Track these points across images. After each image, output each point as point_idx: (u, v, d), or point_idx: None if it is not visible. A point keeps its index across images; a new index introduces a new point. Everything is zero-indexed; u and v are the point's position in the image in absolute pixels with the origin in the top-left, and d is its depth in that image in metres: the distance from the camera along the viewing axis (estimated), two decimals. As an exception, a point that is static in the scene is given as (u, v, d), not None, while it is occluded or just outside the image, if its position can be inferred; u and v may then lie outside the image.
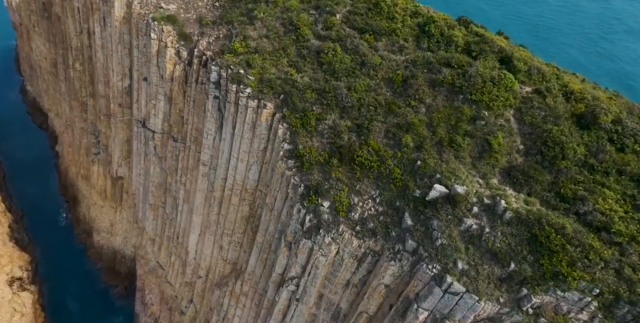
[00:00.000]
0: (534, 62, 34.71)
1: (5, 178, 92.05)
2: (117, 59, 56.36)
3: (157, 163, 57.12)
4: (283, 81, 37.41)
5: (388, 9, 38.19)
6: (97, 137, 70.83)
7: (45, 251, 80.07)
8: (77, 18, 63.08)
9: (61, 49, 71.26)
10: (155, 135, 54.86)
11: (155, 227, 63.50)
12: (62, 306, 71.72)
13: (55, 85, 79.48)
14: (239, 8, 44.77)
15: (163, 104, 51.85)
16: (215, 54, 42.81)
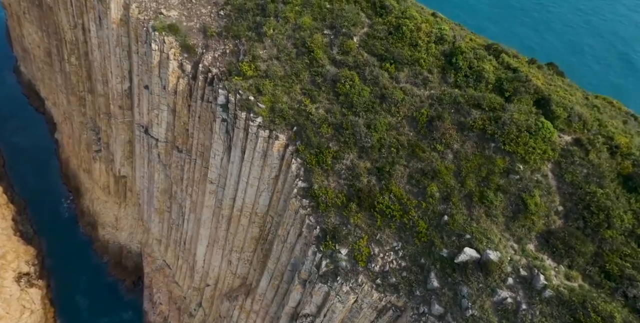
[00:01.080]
0: (574, 104, 31.71)
1: (5, 166, 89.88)
2: (116, 62, 53.06)
3: (162, 170, 55.09)
4: (296, 112, 34.88)
5: (410, 34, 34.84)
6: (97, 134, 68.26)
7: (51, 244, 79.31)
8: (70, 11, 59.08)
9: (55, 40, 67.37)
10: (158, 143, 52.54)
11: (161, 229, 62.28)
12: (70, 300, 71.75)
13: (51, 75, 75.92)
14: (246, 20, 41.30)
15: (166, 114, 49.25)
16: (222, 73, 39.85)
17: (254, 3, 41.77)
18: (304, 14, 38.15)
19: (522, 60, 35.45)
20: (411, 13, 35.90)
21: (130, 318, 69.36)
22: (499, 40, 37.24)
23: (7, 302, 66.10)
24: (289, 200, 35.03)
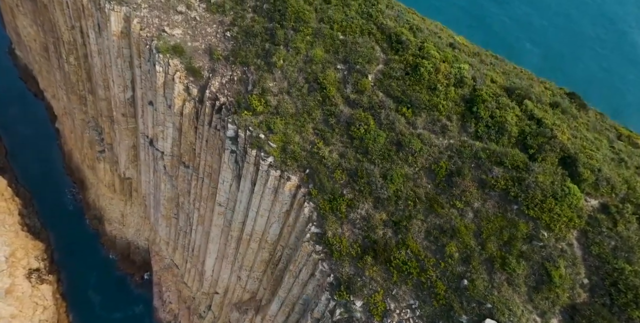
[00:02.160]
0: (601, 163, 30.34)
1: (8, 156, 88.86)
2: (117, 72, 51.13)
3: (168, 181, 54.32)
4: (309, 154, 33.83)
5: (429, 76, 33.07)
6: (100, 135, 66.92)
7: (59, 237, 79.75)
8: (66, 13, 56.24)
9: (51, 37, 64.67)
10: (164, 156, 51.47)
11: (168, 233, 62.27)
12: (81, 295, 72.88)
13: (49, 68, 73.51)
14: (254, 45, 39.28)
15: (172, 131, 47.97)
16: (231, 103, 38.31)
17: (262, 26, 39.62)
18: (315, 45, 36.17)
19: (545, 103, 33.68)
20: (429, 50, 33.96)
21: (141, 313, 70.72)
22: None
23: (19, 300, 67.08)
24: (301, 241, 34.61)
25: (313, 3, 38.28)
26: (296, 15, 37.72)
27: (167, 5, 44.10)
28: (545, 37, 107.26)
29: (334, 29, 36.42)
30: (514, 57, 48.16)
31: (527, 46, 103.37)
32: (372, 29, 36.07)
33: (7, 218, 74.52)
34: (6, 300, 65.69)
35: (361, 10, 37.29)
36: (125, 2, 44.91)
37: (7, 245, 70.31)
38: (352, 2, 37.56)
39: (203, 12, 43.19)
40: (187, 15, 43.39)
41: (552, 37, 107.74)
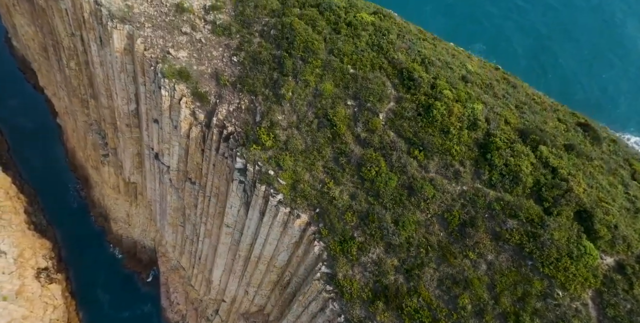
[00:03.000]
0: (618, 219, 30.08)
1: (10, 151, 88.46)
2: (121, 85, 50.29)
3: (174, 192, 54.28)
4: (319, 193, 33.74)
5: (442, 118, 32.44)
6: (103, 139, 66.34)
7: (65, 234, 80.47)
8: (65, 20, 54.68)
9: (50, 40, 63.08)
10: (170, 171, 51.22)
11: (174, 239, 62.76)
12: (90, 293, 74.08)
13: (49, 68, 72.09)
14: (261, 73, 38.41)
15: (177, 149, 47.60)
16: (239, 134, 37.78)
17: (269, 53, 38.62)
18: (325, 78, 35.36)
19: (559, 147, 33.07)
20: (441, 89, 33.20)
21: (149, 312, 72.13)
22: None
23: (30, 301, 68.25)
24: (311, 278, 35.00)
25: (322, 32, 37.20)
26: (305, 45, 36.72)
27: (171, 26, 42.87)
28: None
29: (344, 62, 35.52)
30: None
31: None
32: (383, 63, 35.17)
33: (14, 218, 74.85)
34: (17, 302, 66.83)
35: (372, 42, 36.25)
36: (128, 21, 43.69)
37: (15, 246, 70.91)
38: (362, 33, 36.47)
39: (208, 34, 42.02)
40: (192, 37, 42.25)
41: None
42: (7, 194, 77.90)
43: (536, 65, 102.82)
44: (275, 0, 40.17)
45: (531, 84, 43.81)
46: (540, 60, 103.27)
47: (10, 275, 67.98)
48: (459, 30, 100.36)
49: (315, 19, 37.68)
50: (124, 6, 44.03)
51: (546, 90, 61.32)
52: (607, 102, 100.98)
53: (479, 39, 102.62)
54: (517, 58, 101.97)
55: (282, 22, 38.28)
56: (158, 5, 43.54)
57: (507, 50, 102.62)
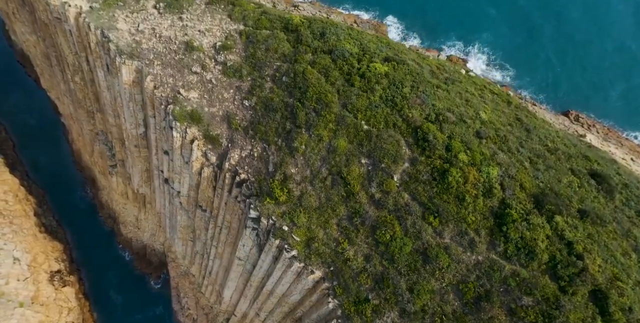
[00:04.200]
0: (633, 301, 30.65)
1: (16, 149, 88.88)
2: (129, 112, 50.34)
3: (184, 213, 55.24)
4: (333, 252, 34.61)
5: (457, 185, 32.75)
6: (111, 150, 66.56)
7: (75, 235, 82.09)
8: (70, 40, 53.82)
9: (53, 51, 62.18)
10: (180, 196, 51.95)
11: (184, 251, 64.30)
12: (103, 294, 76.44)
13: (52, 74, 71.29)
14: (274, 121, 38.50)
15: (188, 179, 48.10)
16: (252, 184, 38.27)
17: (281, 100, 38.52)
18: (338, 134, 35.47)
19: (574, 214, 33.45)
20: (456, 153, 33.39)
21: (161, 314, 74.63)
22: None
23: (45, 306, 70.74)
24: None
25: (335, 83, 36.97)
26: (318, 96, 36.62)
27: (181, 64, 42.44)
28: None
29: (358, 118, 35.54)
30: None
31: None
32: (397, 120, 35.19)
33: (24, 222, 76.31)
34: (33, 307, 69.25)
35: (385, 96, 36.08)
36: (137, 56, 43.23)
37: (27, 251, 72.69)
38: (376, 87, 36.23)
39: (219, 75, 41.68)
40: (203, 77, 41.94)
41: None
42: (17, 197, 79.01)
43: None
44: (286, 44, 39.64)
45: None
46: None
47: (25, 282, 70.10)
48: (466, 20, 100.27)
49: (328, 68, 37.36)
50: (132, 41, 43.44)
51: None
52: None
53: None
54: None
55: (295, 70, 37.96)
56: (167, 42, 42.93)
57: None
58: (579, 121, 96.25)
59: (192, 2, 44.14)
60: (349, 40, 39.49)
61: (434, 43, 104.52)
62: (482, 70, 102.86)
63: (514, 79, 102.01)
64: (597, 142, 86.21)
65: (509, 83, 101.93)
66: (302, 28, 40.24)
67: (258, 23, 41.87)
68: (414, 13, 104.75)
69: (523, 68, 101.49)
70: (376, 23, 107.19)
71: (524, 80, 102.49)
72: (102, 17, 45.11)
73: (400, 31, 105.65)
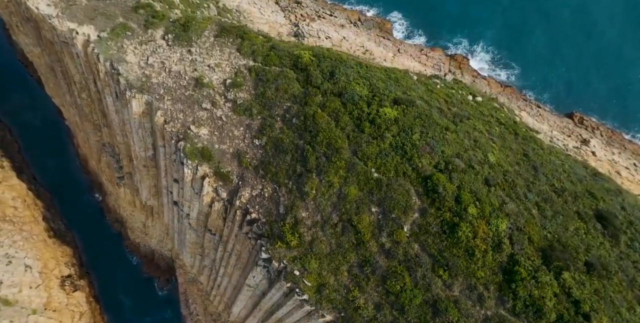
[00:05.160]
0: None
1: (22, 152, 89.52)
2: (138, 137, 50.93)
3: (193, 233, 56.43)
4: (344, 299, 35.79)
5: (467, 240, 33.72)
6: (118, 163, 67.23)
7: (84, 238, 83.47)
8: (77, 61, 53.85)
9: (59, 66, 62.11)
10: (190, 218, 53.00)
11: (193, 263, 65.75)
12: (113, 297, 78.50)
13: (56, 84, 71.25)
14: (284, 162, 39.20)
15: (198, 206, 48.98)
16: (263, 224, 39.21)
17: (291, 142, 39.11)
18: (349, 181, 36.23)
19: (581, 269, 34.47)
20: (466, 205, 34.24)
21: (170, 319, 76.86)
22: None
23: (58, 312, 72.87)
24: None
25: (345, 128, 37.48)
26: (328, 141, 37.21)
27: (191, 100, 42.78)
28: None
29: (368, 165, 36.20)
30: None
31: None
32: (407, 169, 35.90)
33: (34, 228, 77.73)
34: (46, 314, 71.39)
35: (395, 143, 36.65)
36: (147, 91, 43.54)
37: (38, 258, 74.35)
38: (386, 134, 36.74)
39: (229, 112, 42.09)
40: (213, 114, 42.36)
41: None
42: (25, 202, 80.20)
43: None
44: (296, 84, 39.93)
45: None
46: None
47: (38, 289, 71.99)
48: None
49: (338, 112, 37.80)
50: (142, 75, 43.66)
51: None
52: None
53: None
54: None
55: (305, 113, 38.40)
56: (177, 77, 43.13)
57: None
58: (583, 124, 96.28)
59: (200, 35, 44.10)
60: (358, 81, 39.75)
61: (440, 41, 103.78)
62: (486, 70, 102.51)
63: (519, 78, 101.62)
64: (601, 147, 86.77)
65: (513, 83, 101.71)
66: (312, 67, 40.43)
67: (267, 59, 42.00)
68: (418, 9, 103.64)
69: (528, 67, 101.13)
70: (380, 20, 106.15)
71: (529, 79, 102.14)
72: (111, 47, 45.13)
73: (405, 28, 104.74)
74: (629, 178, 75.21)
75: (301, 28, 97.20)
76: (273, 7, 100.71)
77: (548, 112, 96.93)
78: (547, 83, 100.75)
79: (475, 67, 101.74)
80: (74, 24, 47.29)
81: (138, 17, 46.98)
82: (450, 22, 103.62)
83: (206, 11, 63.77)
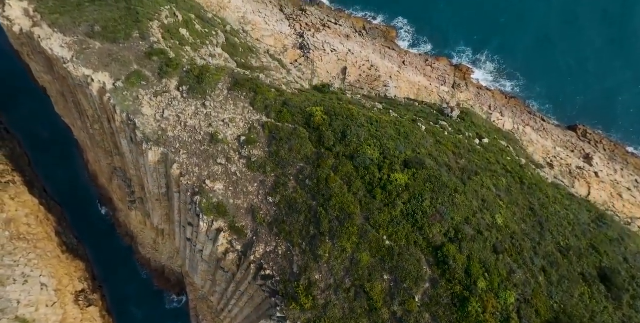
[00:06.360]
0: None
1: (31, 165, 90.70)
2: (152, 179, 52.03)
3: (205, 265, 58.13)
4: (358, 365, 37.57)
5: (476, 314, 35.31)
6: (130, 188, 68.52)
7: (95, 251, 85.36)
8: (90, 100, 54.60)
9: (71, 98, 62.76)
10: (202, 254, 54.62)
11: (204, 285, 67.66)
12: (125, 311, 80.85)
13: (67, 105, 71.85)
14: (297, 222, 40.65)
15: (212, 248, 50.50)
16: (277, 282, 40.80)
17: (305, 202, 40.45)
18: (361, 247, 37.66)
19: None
20: (476, 278, 35.82)
21: (181, 332, 79.42)
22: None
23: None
24: None
25: (357, 194, 38.71)
26: (341, 206, 38.47)
27: (206, 154, 43.86)
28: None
29: (380, 233, 37.55)
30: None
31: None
32: (418, 239, 37.28)
33: (48, 245, 79.65)
34: (62, 330, 73.81)
35: (406, 211, 37.93)
36: (163, 144, 44.53)
37: (53, 276, 76.48)
38: (397, 201, 37.96)
39: (243, 168, 43.22)
40: (228, 169, 43.49)
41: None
42: (37, 218, 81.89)
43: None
44: (309, 145, 40.95)
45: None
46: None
47: (54, 307, 74.37)
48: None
49: (350, 177, 38.98)
50: (158, 128, 44.62)
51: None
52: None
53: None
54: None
55: (318, 176, 39.57)
56: (192, 132, 44.09)
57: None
58: (586, 137, 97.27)
59: (214, 88, 44.84)
60: (370, 142, 40.76)
61: (444, 49, 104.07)
62: (491, 82, 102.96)
63: (524, 89, 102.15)
64: (604, 164, 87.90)
65: (518, 94, 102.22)
66: (324, 127, 41.38)
67: (280, 116, 42.88)
68: (423, 14, 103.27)
69: (533, 77, 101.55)
70: (385, 28, 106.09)
71: (534, 90, 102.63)
72: (127, 98, 45.95)
73: (411, 37, 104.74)
74: (630, 200, 76.62)
75: (306, 39, 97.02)
76: (278, 15, 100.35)
77: (552, 125, 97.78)
78: (552, 93, 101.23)
79: (479, 78, 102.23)
80: (89, 71, 47.97)
81: (152, 64, 47.60)
82: (455, 31, 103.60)
83: (215, 40, 64.09)
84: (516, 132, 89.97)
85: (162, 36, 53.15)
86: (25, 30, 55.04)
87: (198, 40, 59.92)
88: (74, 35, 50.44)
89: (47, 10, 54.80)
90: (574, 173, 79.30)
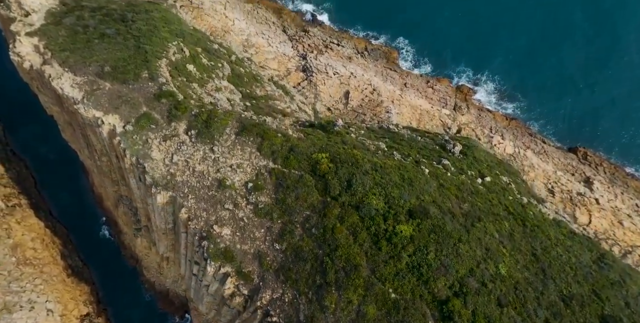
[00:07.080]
0: None
1: (37, 187, 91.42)
2: (160, 217, 52.57)
3: (210, 297, 58.72)
4: None
5: None
6: (136, 216, 69.18)
7: (99, 273, 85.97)
8: (99, 137, 55.22)
9: (80, 131, 63.39)
10: (209, 289, 55.20)
11: (209, 311, 68.27)
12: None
13: (74, 134, 72.56)
14: (304, 271, 41.33)
15: (217, 285, 51.10)
16: (283, 329, 41.47)
17: (311, 251, 41.25)
18: (367, 300, 38.29)
19: None
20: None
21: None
22: None
23: (79, 352, 75.88)
24: None
25: (363, 245, 39.36)
26: (347, 257, 39.10)
27: (214, 199, 44.52)
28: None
29: (386, 285, 38.20)
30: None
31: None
32: (423, 293, 37.93)
33: (53, 269, 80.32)
34: (67, 355, 74.44)
35: (412, 264, 38.63)
36: (172, 189, 45.18)
37: (58, 301, 77.18)
38: (402, 254, 38.62)
39: (250, 214, 43.87)
40: (235, 214, 44.13)
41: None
42: (43, 242, 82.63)
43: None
44: (315, 193, 41.62)
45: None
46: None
47: (59, 332, 74.93)
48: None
49: (356, 227, 39.66)
50: (167, 173, 45.29)
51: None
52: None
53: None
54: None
55: (324, 225, 40.24)
56: (200, 177, 44.76)
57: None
58: (586, 159, 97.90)
59: (222, 132, 45.51)
60: (374, 190, 41.47)
61: (445, 70, 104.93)
62: (492, 104, 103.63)
63: (525, 111, 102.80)
64: (604, 188, 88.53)
65: (519, 115, 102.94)
66: (330, 176, 42.08)
67: (287, 162, 43.57)
68: (423, 36, 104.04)
69: (534, 98, 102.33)
70: (387, 49, 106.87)
71: (535, 111, 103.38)
72: (137, 142, 46.62)
73: (412, 58, 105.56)
74: (630, 228, 77.32)
75: (309, 61, 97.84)
76: (281, 36, 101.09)
77: (553, 148, 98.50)
78: (552, 115, 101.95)
79: (481, 99, 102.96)
80: (100, 113, 48.65)
81: (161, 107, 48.29)
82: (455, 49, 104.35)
83: (221, 72, 64.82)
84: (517, 156, 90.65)
85: (170, 74, 53.84)
86: (35, 67, 55.74)
87: (204, 75, 60.65)
88: (84, 75, 51.13)
89: (57, 47, 55.51)
90: (574, 201, 79.98)
